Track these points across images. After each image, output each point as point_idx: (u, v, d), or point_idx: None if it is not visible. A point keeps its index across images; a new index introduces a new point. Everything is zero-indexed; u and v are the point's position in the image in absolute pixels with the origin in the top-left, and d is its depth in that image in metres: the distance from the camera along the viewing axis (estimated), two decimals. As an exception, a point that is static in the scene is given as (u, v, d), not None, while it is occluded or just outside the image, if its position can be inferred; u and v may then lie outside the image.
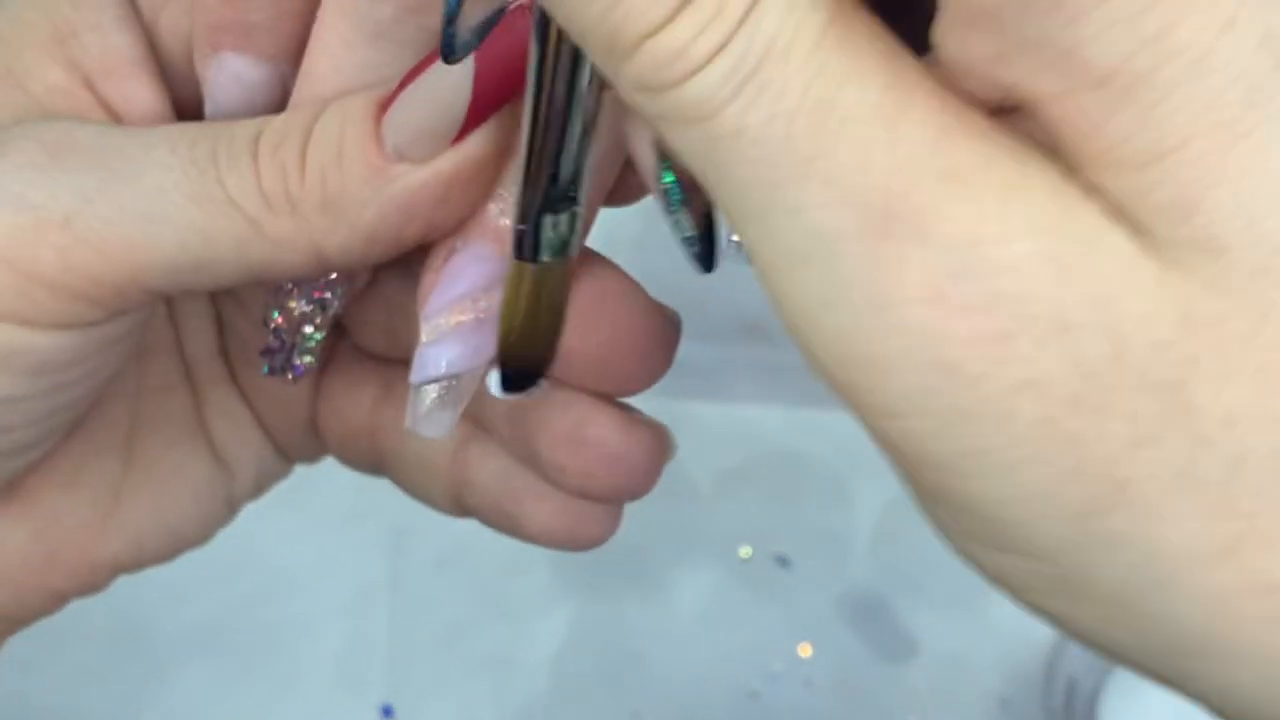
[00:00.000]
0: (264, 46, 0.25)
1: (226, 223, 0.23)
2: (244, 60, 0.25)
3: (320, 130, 0.23)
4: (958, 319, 0.16)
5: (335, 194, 0.23)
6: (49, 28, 0.25)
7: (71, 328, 0.23)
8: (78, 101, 0.25)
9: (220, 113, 0.25)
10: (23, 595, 0.28)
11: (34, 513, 0.27)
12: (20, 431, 0.25)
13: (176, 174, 0.23)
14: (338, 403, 0.30)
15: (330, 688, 0.59)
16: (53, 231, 0.22)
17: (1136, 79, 0.15)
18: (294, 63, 0.25)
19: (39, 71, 0.25)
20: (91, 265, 0.22)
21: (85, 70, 0.25)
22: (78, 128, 0.23)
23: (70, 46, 0.25)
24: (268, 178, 0.23)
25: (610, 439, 0.26)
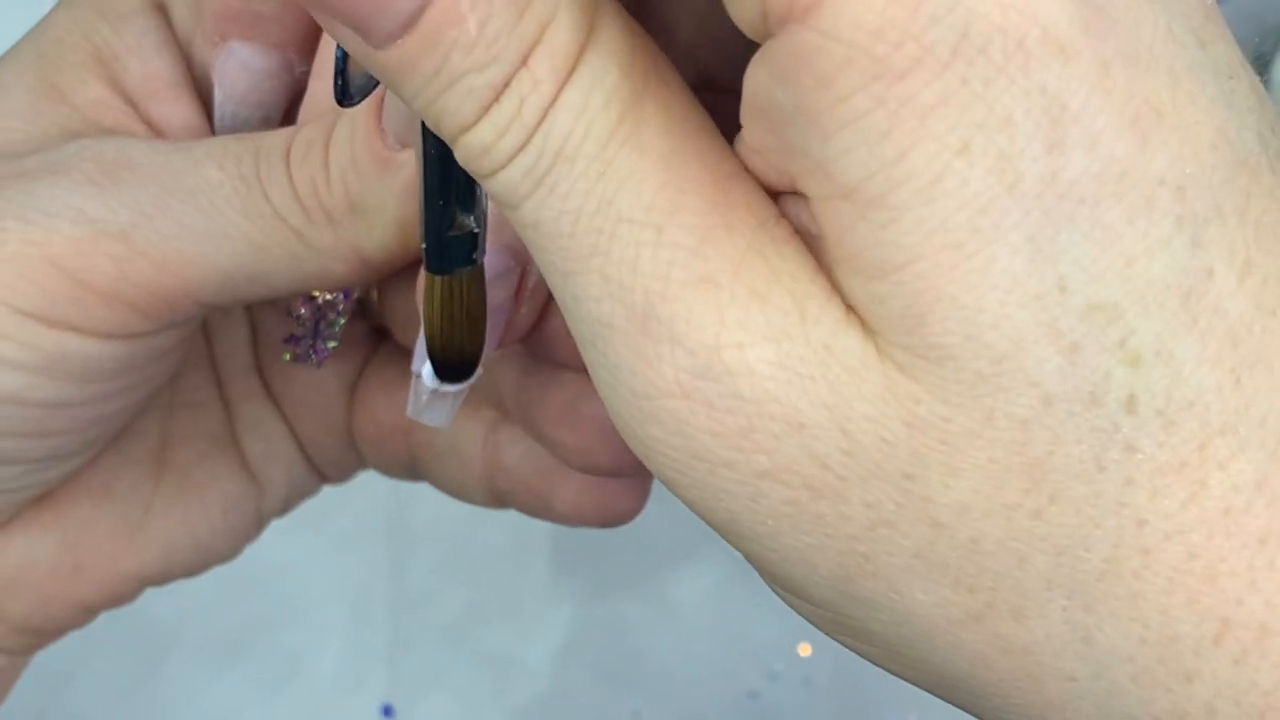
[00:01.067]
0: (271, 35, 0.25)
1: (275, 234, 0.23)
2: (251, 49, 0.25)
3: (335, 137, 0.24)
4: (704, 414, 0.17)
5: (358, 195, 0.23)
6: (90, 48, 0.26)
7: (122, 338, 0.24)
8: (121, 115, 0.26)
9: (229, 101, 0.26)
10: (50, 606, 0.28)
11: (64, 523, 0.27)
12: (62, 438, 0.25)
13: (227, 189, 0.23)
14: (373, 406, 0.30)
15: (330, 687, 0.59)
16: (111, 244, 0.23)
17: (874, 198, 0.16)
18: (301, 50, 0.26)
19: (82, 87, 0.25)
20: (147, 277, 0.23)
21: (127, 90, 0.26)
22: (132, 146, 0.24)
23: (113, 68, 0.26)
24: (301, 189, 0.24)
25: (601, 412, 0.26)
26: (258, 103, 0.26)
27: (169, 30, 0.26)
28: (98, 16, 0.26)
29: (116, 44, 0.26)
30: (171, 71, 0.26)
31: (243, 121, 0.26)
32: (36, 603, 0.28)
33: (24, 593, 0.27)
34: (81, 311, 0.23)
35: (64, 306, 0.23)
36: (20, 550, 0.27)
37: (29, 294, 0.23)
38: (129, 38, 0.26)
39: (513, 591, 0.60)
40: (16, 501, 0.26)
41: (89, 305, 0.23)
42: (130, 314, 0.23)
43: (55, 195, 0.23)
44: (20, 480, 0.26)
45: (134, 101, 0.26)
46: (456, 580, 0.59)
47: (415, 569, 0.59)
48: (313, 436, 0.31)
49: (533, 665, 0.59)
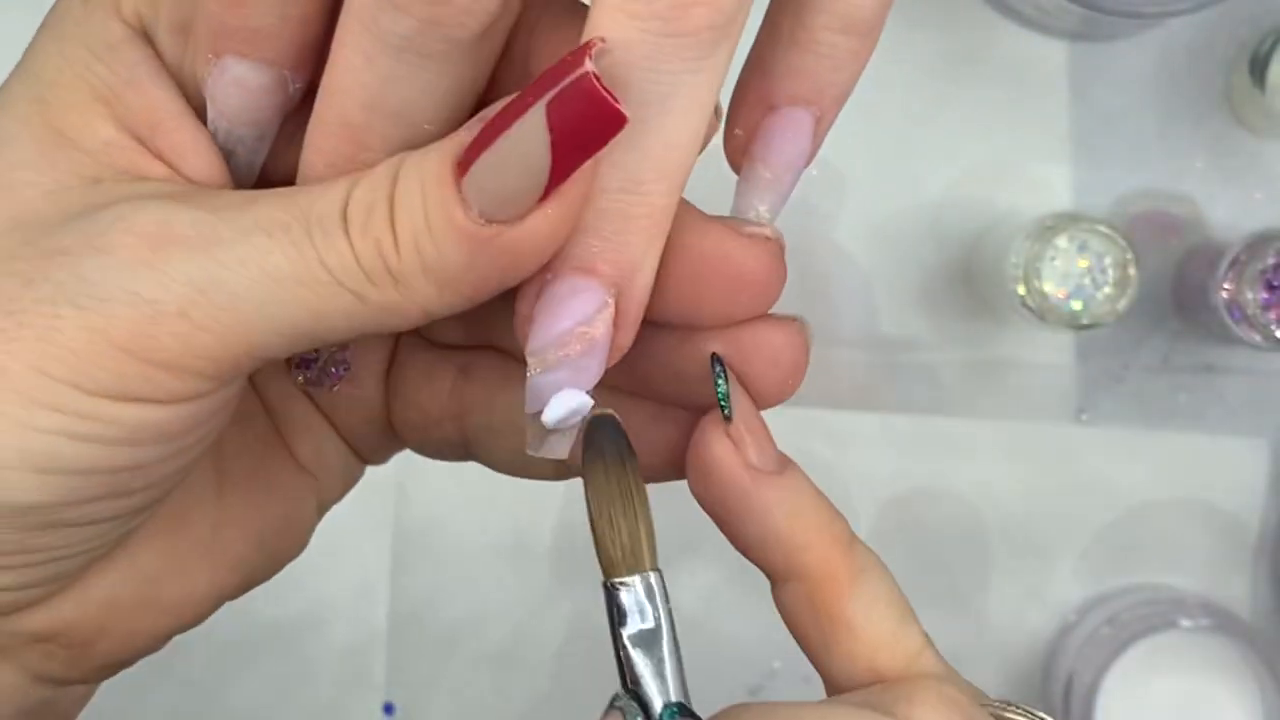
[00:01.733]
0: (267, 51, 0.25)
1: (334, 300, 0.23)
2: (246, 65, 0.25)
3: (402, 197, 0.23)
4: None
5: (433, 263, 0.23)
6: (86, 88, 0.25)
7: (193, 399, 0.24)
8: (134, 154, 0.25)
9: (221, 118, 0.26)
10: (134, 640, 0.28)
11: (139, 560, 0.28)
12: (143, 494, 0.25)
13: (278, 257, 0.23)
14: (413, 395, 0.30)
15: (332, 685, 0.59)
16: (171, 323, 0.23)
17: None
18: (297, 67, 0.25)
19: (89, 130, 0.25)
20: (210, 347, 0.23)
21: (131, 126, 0.26)
22: (173, 214, 0.24)
23: (114, 105, 0.25)
24: (365, 255, 0.23)
25: (766, 342, 0.27)
26: (252, 121, 0.26)
27: (158, 59, 0.26)
28: (88, 52, 0.25)
29: (112, 80, 0.25)
30: (171, 100, 0.26)
31: (236, 140, 0.26)
32: (121, 639, 0.28)
33: (108, 634, 0.27)
34: (151, 386, 0.23)
35: (134, 383, 0.23)
36: (102, 594, 0.27)
37: (97, 376, 0.23)
38: (122, 71, 0.25)
39: (513, 591, 0.60)
40: (98, 555, 0.27)
41: (157, 380, 0.23)
42: (198, 380, 0.24)
43: (107, 278, 0.23)
44: (102, 537, 0.26)
45: (141, 136, 0.26)
46: (457, 580, 0.59)
47: (416, 569, 0.59)
48: (353, 428, 0.31)
49: (533, 663, 0.59)
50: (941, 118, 0.59)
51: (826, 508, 0.27)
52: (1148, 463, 0.59)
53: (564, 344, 0.24)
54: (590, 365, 0.25)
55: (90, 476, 0.24)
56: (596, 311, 0.24)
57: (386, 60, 0.23)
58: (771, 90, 0.26)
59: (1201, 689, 0.56)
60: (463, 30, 0.23)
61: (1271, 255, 0.53)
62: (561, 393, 0.25)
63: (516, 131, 0.22)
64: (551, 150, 0.22)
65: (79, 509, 0.24)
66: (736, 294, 0.26)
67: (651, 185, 0.24)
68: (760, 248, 0.26)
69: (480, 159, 0.23)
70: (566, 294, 0.24)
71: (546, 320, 0.24)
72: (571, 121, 0.22)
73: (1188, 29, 0.58)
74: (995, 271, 0.56)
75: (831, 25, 0.25)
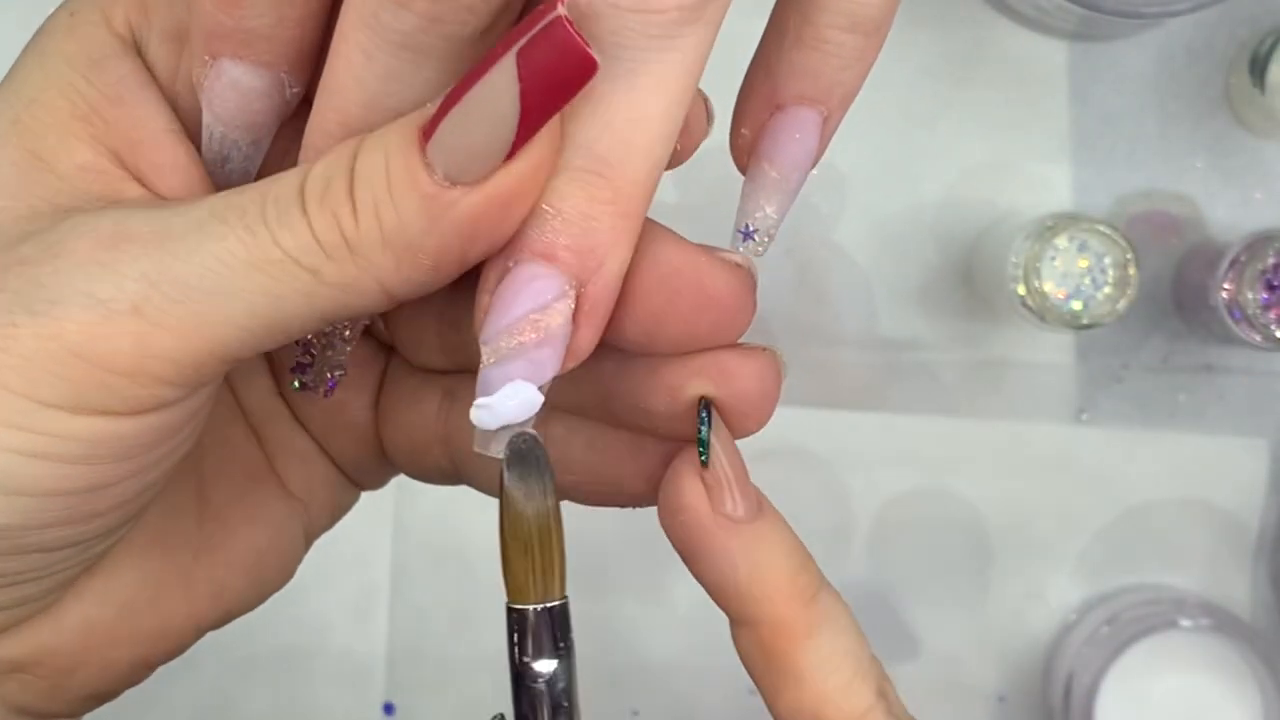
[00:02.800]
0: (262, 53, 0.24)
1: (289, 280, 0.23)
2: (242, 67, 0.24)
3: (364, 166, 0.23)
4: None
5: (392, 230, 0.22)
6: (67, 107, 0.25)
7: (154, 410, 0.23)
8: (110, 178, 0.25)
9: (217, 122, 0.25)
10: (113, 670, 0.27)
11: (116, 587, 0.27)
12: (107, 517, 0.25)
13: (231, 242, 0.23)
14: (401, 419, 0.30)
15: (332, 685, 0.59)
16: (125, 321, 0.22)
17: None
18: (293, 69, 0.25)
19: (65, 153, 0.25)
20: (167, 347, 0.22)
21: (111, 145, 0.25)
22: (127, 216, 0.23)
23: (93, 123, 0.25)
24: (320, 227, 0.23)
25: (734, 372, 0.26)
26: (248, 125, 0.25)
27: (146, 72, 0.25)
28: (70, 69, 0.25)
29: (94, 96, 0.25)
30: (155, 116, 0.25)
31: (231, 144, 0.25)
32: (99, 670, 0.27)
33: (86, 663, 0.27)
34: (109, 395, 0.23)
35: (90, 393, 0.22)
36: (78, 622, 0.26)
37: (53, 386, 0.22)
38: (105, 87, 0.25)
39: (513, 591, 0.60)
40: (69, 579, 0.26)
41: (115, 387, 0.22)
42: (158, 386, 0.23)
43: (59, 281, 0.22)
44: (70, 561, 0.25)
45: (120, 154, 0.25)
46: (457, 580, 0.59)
47: (416, 569, 0.59)
48: (344, 453, 0.31)
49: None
50: (942, 118, 0.59)
51: (795, 557, 0.27)
52: (1148, 463, 0.59)
53: (518, 331, 0.23)
54: (545, 358, 0.24)
55: (52, 497, 0.23)
56: (554, 299, 0.23)
57: (386, 57, 0.23)
58: (778, 90, 0.26)
59: (1201, 689, 0.56)
60: (464, 27, 0.23)
61: (1271, 255, 0.53)
62: (511, 384, 0.24)
63: (485, 83, 0.22)
64: (520, 100, 0.22)
65: (43, 532, 0.24)
66: (704, 315, 0.25)
67: (617, 166, 0.23)
68: (732, 272, 0.25)
69: (448, 116, 0.22)
70: (525, 280, 0.23)
71: (502, 307, 0.24)
72: (541, 69, 0.22)
73: (1188, 29, 0.58)
74: (995, 271, 0.56)
75: (838, 24, 0.25)
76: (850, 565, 0.59)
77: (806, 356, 0.59)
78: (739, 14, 0.25)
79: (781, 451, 0.58)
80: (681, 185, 0.56)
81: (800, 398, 0.59)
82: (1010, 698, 0.59)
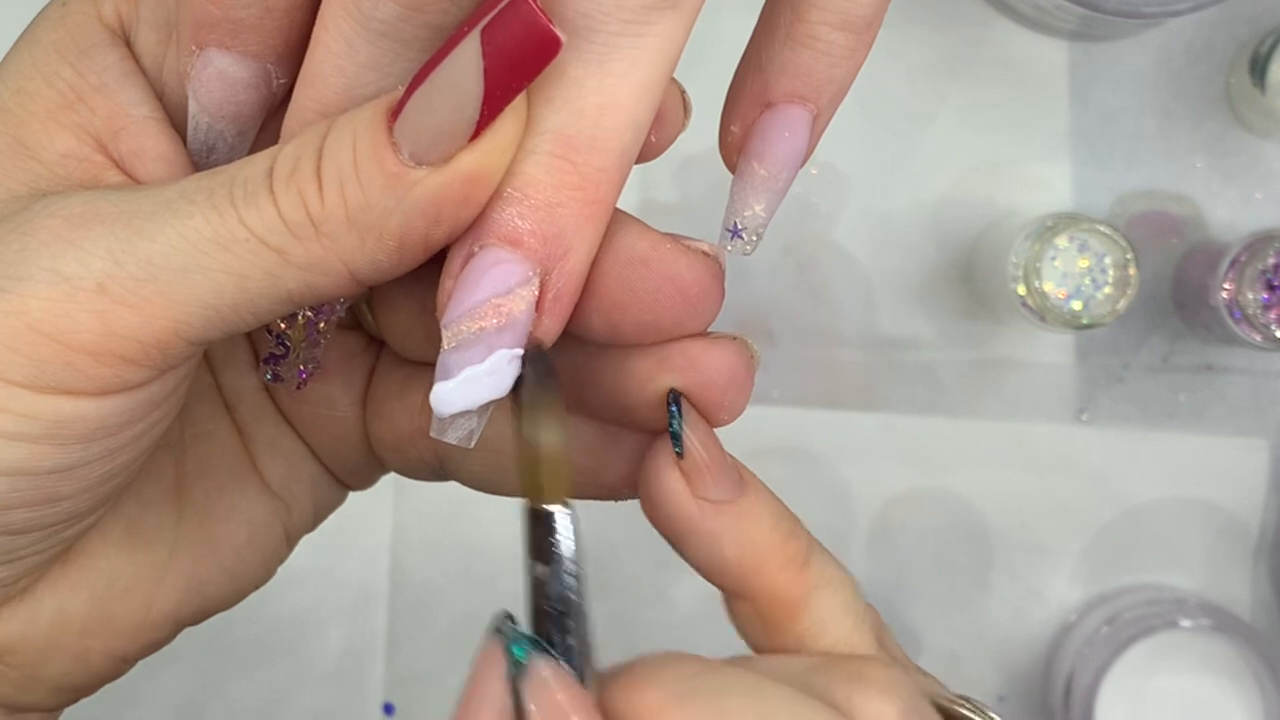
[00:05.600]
0: (250, 44, 0.24)
1: (254, 259, 0.23)
2: (229, 58, 0.25)
3: (331, 146, 0.23)
4: None
5: (357, 208, 0.23)
6: (53, 95, 0.25)
7: (118, 392, 0.23)
8: (92, 165, 0.25)
9: (203, 112, 0.25)
10: (87, 662, 0.27)
11: (91, 577, 0.27)
12: (74, 500, 0.25)
13: (198, 221, 0.23)
14: (387, 412, 0.30)
15: (331, 685, 0.59)
16: (89, 299, 0.22)
17: None
18: (280, 60, 0.25)
19: (49, 140, 0.25)
20: (131, 325, 0.22)
21: (94, 132, 0.25)
22: (97, 197, 0.23)
23: (77, 111, 0.25)
24: (287, 206, 0.23)
25: (698, 360, 0.26)
26: (233, 115, 0.25)
27: (133, 62, 0.26)
28: (58, 57, 0.25)
29: (80, 84, 0.25)
30: (139, 104, 0.25)
31: (217, 135, 0.26)
32: (73, 661, 0.27)
33: (60, 653, 0.27)
34: (73, 373, 0.22)
35: (54, 371, 0.22)
36: (51, 611, 0.26)
37: (16, 364, 0.22)
38: (91, 76, 0.25)
39: (512, 591, 0.59)
40: (39, 564, 0.26)
41: (79, 366, 0.22)
42: (122, 366, 0.23)
43: (25, 258, 0.22)
44: (38, 545, 0.25)
45: (103, 143, 0.25)
46: (456, 581, 0.59)
47: (415, 569, 0.59)
48: (331, 450, 0.30)
49: (532, 665, 0.59)
50: (942, 117, 0.59)
51: (782, 526, 0.27)
52: (1148, 463, 0.59)
53: (479, 316, 0.23)
54: (504, 346, 0.24)
55: (14, 478, 0.23)
56: (518, 285, 0.23)
57: (367, 46, 0.23)
58: (768, 87, 0.26)
59: (1201, 689, 0.56)
60: (444, 17, 0.23)
61: (1271, 255, 0.53)
62: (470, 368, 0.24)
63: (450, 61, 0.22)
64: (485, 78, 0.22)
65: (7, 513, 0.24)
66: (668, 304, 0.25)
67: (585, 151, 0.23)
68: (698, 261, 0.25)
69: (414, 95, 0.22)
70: (488, 265, 0.23)
71: (464, 291, 0.23)
72: (506, 46, 0.22)
73: (1188, 29, 0.58)
74: (995, 271, 0.56)
75: (829, 21, 0.25)
76: (850, 565, 0.59)
77: (806, 356, 0.59)
78: (729, 10, 0.25)
79: (781, 451, 0.58)
80: (680, 185, 0.56)
81: (800, 398, 0.59)
82: (1010, 698, 0.59)
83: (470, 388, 0.24)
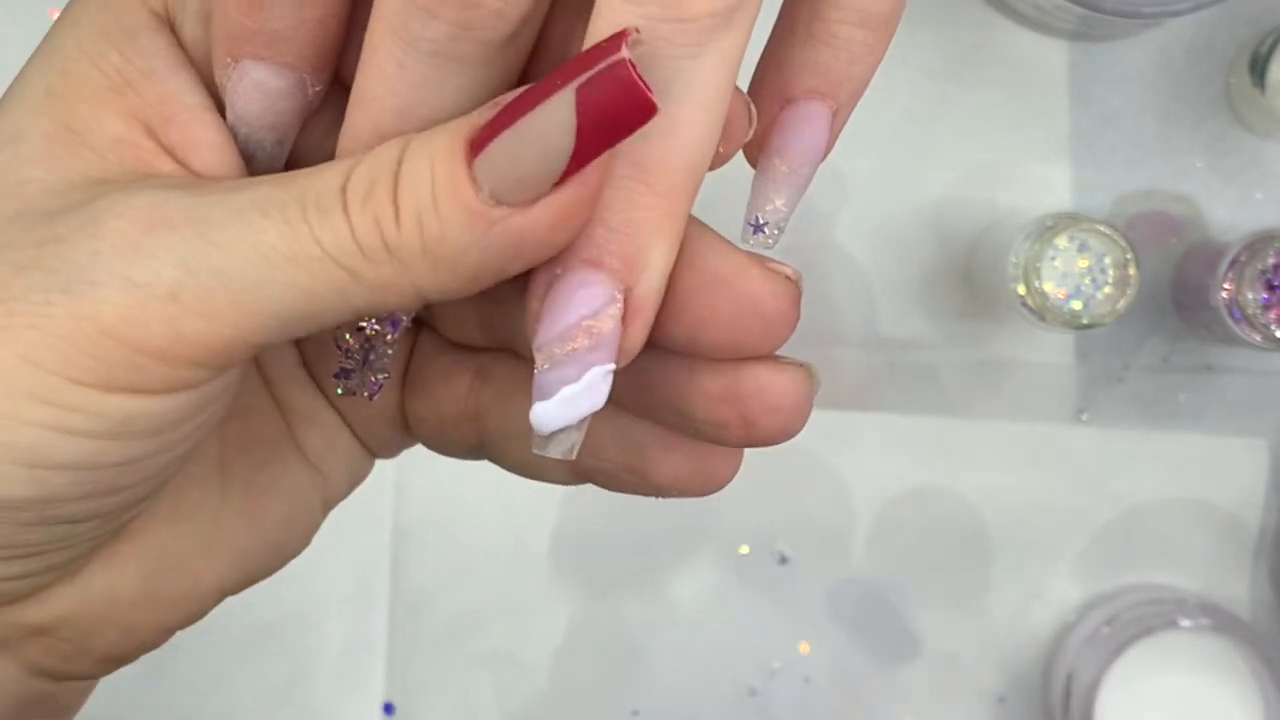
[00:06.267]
0: (285, 55, 0.25)
1: (326, 277, 0.23)
2: (265, 69, 0.25)
3: (408, 174, 0.23)
4: None
5: (434, 240, 0.23)
6: (100, 78, 0.25)
7: (183, 390, 0.24)
8: (143, 152, 0.25)
9: (241, 122, 0.25)
10: (135, 634, 0.28)
11: (140, 553, 0.27)
12: (135, 488, 0.25)
13: (271, 236, 0.23)
14: (430, 396, 0.30)
15: (331, 685, 0.59)
16: (161, 306, 0.23)
17: None
18: (316, 70, 0.25)
19: (98, 125, 0.25)
20: (201, 332, 0.23)
21: (144, 118, 0.25)
22: (166, 199, 0.23)
23: (126, 96, 0.25)
24: (362, 230, 0.23)
25: (769, 387, 0.26)
26: (272, 125, 0.25)
27: (180, 49, 0.26)
28: (104, 40, 0.25)
29: (127, 69, 0.25)
30: (188, 92, 0.25)
31: (256, 144, 0.26)
32: (121, 633, 0.28)
33: (108, 626, 0.27)
34: (141, 375, 0.23)
35: (123, 373, 0.23)
36: (102, 587, 0.27)
37: (87, 366, 0.23)
38: (139, 61, 0.25)
39: (513, 591, 0.60)
40: (94, 547, 0.26)
41: (147, 368, 0.23)
42: (189, 368, 0.23)
43: (97, 263, 0.23)
44: (94, 531, 0.26)
45: (153, 129, 0.25)
46: (456, 580, 0.59)
47: (415, 569, 0.59)
48: (366, 425, 0.31)
49: (532, 663, 0.59)
50: (941, 117, 0.59)
51: None
52: (1148, 463, 0.59)
53: (571, 338, 0.24)
54: (598, 362, 0.24)
55: (80, 472, 0.24)
56: (604, 306, 0.24)
57: (419, 66, 0.23)
58: (788, 84, 0.26)
59: (1201, 689, 0.56)
60: (494, 33, 0.23)
61: (1271, 255, 0.53)
62: (568, 387, 0.24)
63: (542, 113, 0.22)
64: (576, 135, 0.22)
65: (69, 505, 0.24)
66: (748, 324, 0.25)
67: (658, 172, 0.23)
68: (780, 283, 0.25)
69: (498, 139, 0.22)
70: (574, 287, 0.24)
71: (554, 314, 0.24)
72: (601, 108, 0.22)
73: (1188, 29, 0.58)
74: (995, 271, 0.56)
75: (848, 19, 0.25)
76: (850, 565, 0.59)
77: (806, 356, 0.59)
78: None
79: (781, 451, 0.58)
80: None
81: (800, 398, 0.59)
82: (1010, 698, 0.59)
83: (569, 406, 0.24)
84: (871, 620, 0.59)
